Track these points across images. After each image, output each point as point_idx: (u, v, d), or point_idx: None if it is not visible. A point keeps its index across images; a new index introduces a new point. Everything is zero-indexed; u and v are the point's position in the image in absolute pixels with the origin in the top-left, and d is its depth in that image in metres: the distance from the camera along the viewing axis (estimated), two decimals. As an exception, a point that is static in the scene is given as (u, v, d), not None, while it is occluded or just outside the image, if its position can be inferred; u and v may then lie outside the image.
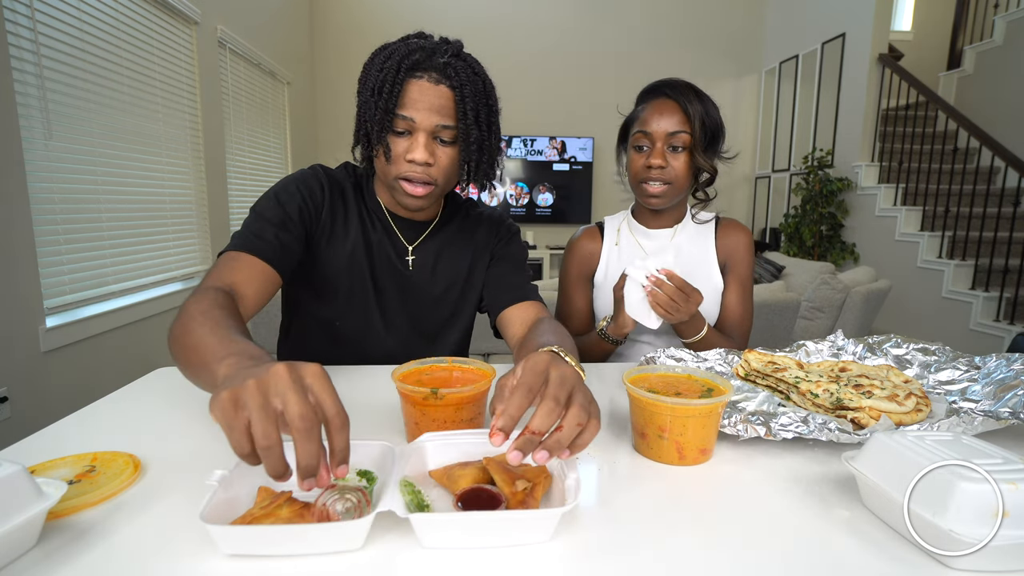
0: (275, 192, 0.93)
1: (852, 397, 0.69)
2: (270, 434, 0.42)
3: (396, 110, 0.85)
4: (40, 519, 0.44)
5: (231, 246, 0.85)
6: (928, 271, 3.90)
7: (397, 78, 0.84)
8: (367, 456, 0.54)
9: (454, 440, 0.56)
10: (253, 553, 0.44)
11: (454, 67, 0.87)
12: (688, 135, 1.06)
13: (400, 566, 0.43)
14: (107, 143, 2.43)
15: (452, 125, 0.87)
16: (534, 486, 0.49)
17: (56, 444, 0.64)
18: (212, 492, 0.46)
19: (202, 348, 0.58)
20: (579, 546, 0.46)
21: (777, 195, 5.53)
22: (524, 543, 0.46)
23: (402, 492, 0.48)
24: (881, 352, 0.91)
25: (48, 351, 2.07)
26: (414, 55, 0.86)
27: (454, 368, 0.71)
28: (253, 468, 0.44)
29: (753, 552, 0.45)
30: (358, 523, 0.43)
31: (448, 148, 0.89)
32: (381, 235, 1.00)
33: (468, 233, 1.07)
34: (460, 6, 5.48)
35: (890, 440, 0.50)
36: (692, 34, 5.68)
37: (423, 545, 0.45)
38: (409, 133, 0.87)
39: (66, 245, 2.19)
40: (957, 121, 3.81)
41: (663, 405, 0.59)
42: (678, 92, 1.07)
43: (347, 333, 1.00)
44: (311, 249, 0.95)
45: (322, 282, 0.97)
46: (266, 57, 4.11)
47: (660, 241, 1.19)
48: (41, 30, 2.05)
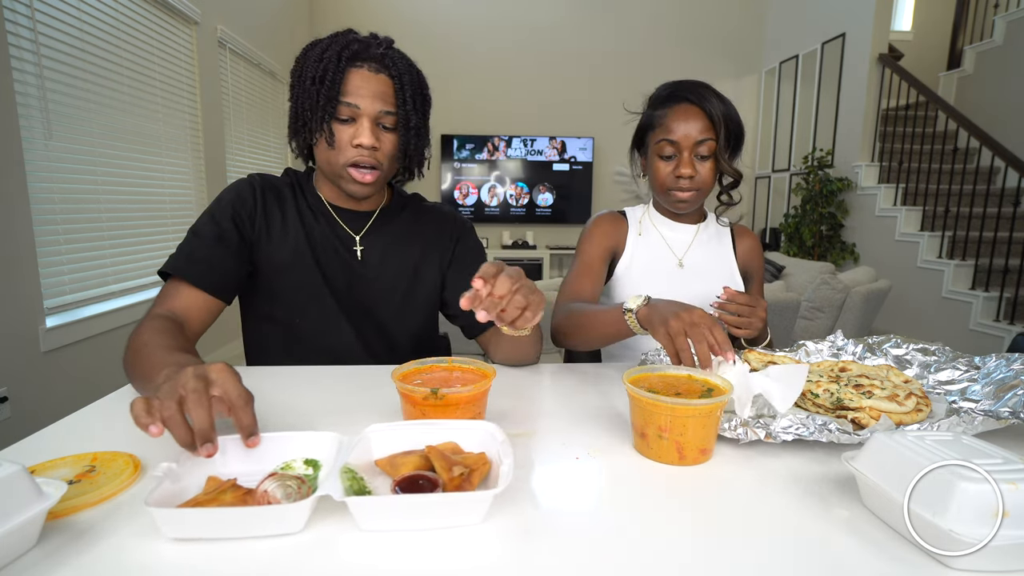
0: (211, 209, 0.96)
1: (852, 397, 0.69)
2: (169, 407, 0.52)
3: (340, 97, 0.88)
4: (40, 519, 0.44)
5: (173, 270, 0.89)
6: (928, 271, 3.90)
7: (339, 67, 0.88)
8: (316, 446, 0.56)
9: (400, 430, 0.58)
10: (196, 536, 0.45)
11: (391, 57, 0.92)
12: (714, 141, 1.06)
13: (339, 548, 0.45)
14: (107, 143, 2.44)
15: (393, 111, 0.92)
16: (471, 472, 0.51)
17: (56, 444, 0.64)
18: (158, 481, 0.47)
19: (148, 372, 0.68)
20: (579, 547, 0.46)
21: (777, 195, 5.54)
22: (458, 524, 0.48)
23: (342, 478, 0.49)
24: (881, 352, 0.91)
25: (48, 351, 2.07)
26: (352, 46, 0.90)
27: (454, 368, 0.71)
28: (202, 459, 0.52)
29: (753, 552, 0.45)
30: (297, 506, 0.45)
31: (389, 134, 0.93)
32: (324, 228, 1.01)
33: (418, 226, 1.08)
34: (460, 6, 5.47)
35: (890, 440, 0.50)
36: (692, 34, 5.68)
37: (361, 528, 0.47)
38: (353, 120, 0.90)
39: (66, 245, 2.20)
40: (957, 121, 3.81)
41: (663, 405, 0.59)
42: (701, 97, 1.06)
43: (306, 330, 1.00)
44: (253, 254, 0.97)
45: (269, 283, 0.98)
46: (266, 57, 4.12)
47: (685, 235, 1.21)
48: (41, 30, 2.05)
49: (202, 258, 0.90)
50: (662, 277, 1.16)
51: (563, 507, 0.53)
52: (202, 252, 0.90)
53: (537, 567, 0.43)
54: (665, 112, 1.09)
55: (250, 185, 0.99)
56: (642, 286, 1.15)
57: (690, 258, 1.19)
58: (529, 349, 0.97)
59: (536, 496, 0.54)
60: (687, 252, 1.19)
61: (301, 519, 0.46)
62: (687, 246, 1.20)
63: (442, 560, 0.44)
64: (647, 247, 1.19)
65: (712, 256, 1.20)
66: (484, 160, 5.56)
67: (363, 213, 1.04)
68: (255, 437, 0.55)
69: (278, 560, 0.43)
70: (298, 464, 0.55)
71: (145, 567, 0.42)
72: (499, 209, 5.64)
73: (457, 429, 0.58)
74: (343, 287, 1.01)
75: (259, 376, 0.89)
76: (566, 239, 5.66)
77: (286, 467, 0.54)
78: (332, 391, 0.82)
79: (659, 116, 1.10)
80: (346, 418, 0.71)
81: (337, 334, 1.00)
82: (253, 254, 0.97)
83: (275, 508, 0.46)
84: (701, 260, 1.19)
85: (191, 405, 0.52)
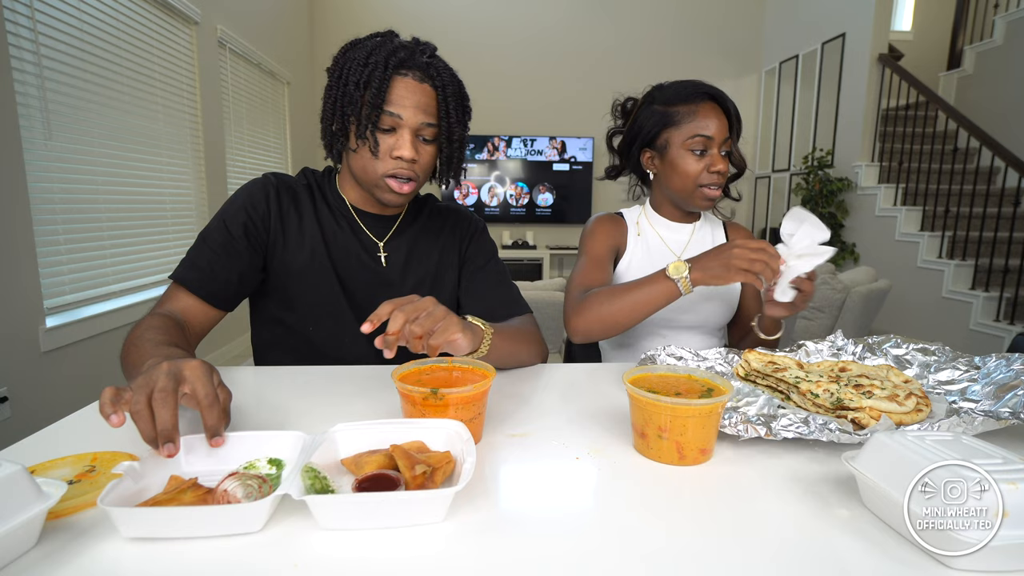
0: (222, 212, 0.94)
1: (852, 397, 0.69)
2: (139, 401, 0.53)
3: (384, 106, 0.86)
4: (40, 519, 0.44)
5: (175, 275, 0.89)
6: (928, 271, 3.90)
7: (385, 74, 0.85)
8: (280, 445, 0.56)
9: (365, 429, 0.58)
10: (154, 535, 0.45)
11: (435, 67, 0.90)
12: (731, 139, 1.10)
13: (298, 547, 0.45)
14: (107, 143, 2.44)
15: (435, 123, 0.90)
16: (434, 470, 0.51)
17: (56, 444, 0.64)
18: (118, 480, 0.47)
19: (136, 364, 0.69)
20: (579, 548, 0.46)
21: (777, 195, 5.54)
22: (419, 523, 0.48)
23: (303, 477, 0.49)
24: (881, 352, 0.91)
25: (48, 351, 2.07)
26: (399, 53, 0.87)
27: (454, 368, 0.71)
28: (164, 460, 0.53)
29: (753, 552, 0.45)
30: (255, 505, 0.45)
31: (428, 146, 0.92)
32: (347, 234, 0.98)
33: (434, 229, 1.06)
34: (460, 6, 5.48)
35: (890, 440, 0.50)
36: (692, 34, 5.68)
37: (321, 526, 0.47)
38: (394, 130, 0.88)
39: (66, 245, 2.19)
40: (957, 121, 3.81)
41: (663, 405, 0.59)
42: (722, 97, 1.10)
43: (321, 338, 0.97)
44: (267, 260, 0.95)
45: (284, 290, 0.96)
46: (266, 57, 4.12)
47: (682, 235, 1.21)
48: (41, 30, 2.05)
49: (204, 266, 0.89)
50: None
51: (563, 507, 0.53)
52: (205, 260, 0.89)
53: (538, 568, 0.43)
54: (694, 109, 1.08)
55: (264, 187, 0.96)
56: None
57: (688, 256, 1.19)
58: (518, 352, 0.93)
59: (536, 496, 0.54)
60: (685, 251, 1.19)
61: (260, 518, 0.46)
62: (685, 245, 1.20)
63: (405, 559, 0.43)
64: (646, 248, 1.19)
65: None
66: (484, 160, 5.56)
67: (387, 219, 1.02)
68: (219, 438, 0.55)
69: (238, 560, 0.43)
70: (262, 463, 0.55)
71: (144, 570, 0.42)
72: (499, 209, 5.64)
73: (423, 428, 0.58)
74: (363, 295, 0.98)
75: (259, 375, 0.89)
76: (566, 239, 5.66)
77: (249, 466, 0.54)
78: (332, 391, 0.82)
79: (685, 113, 1.09)
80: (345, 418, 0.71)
81: (352, 344, 0.97)
82: (267, 260, 0.95)
83: (234, 507, 0.46)
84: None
85: (157, 403, 0.53)
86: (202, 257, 0.89)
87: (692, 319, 1.17)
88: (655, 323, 1.17)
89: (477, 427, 0.65)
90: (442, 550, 0.45)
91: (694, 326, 1.19)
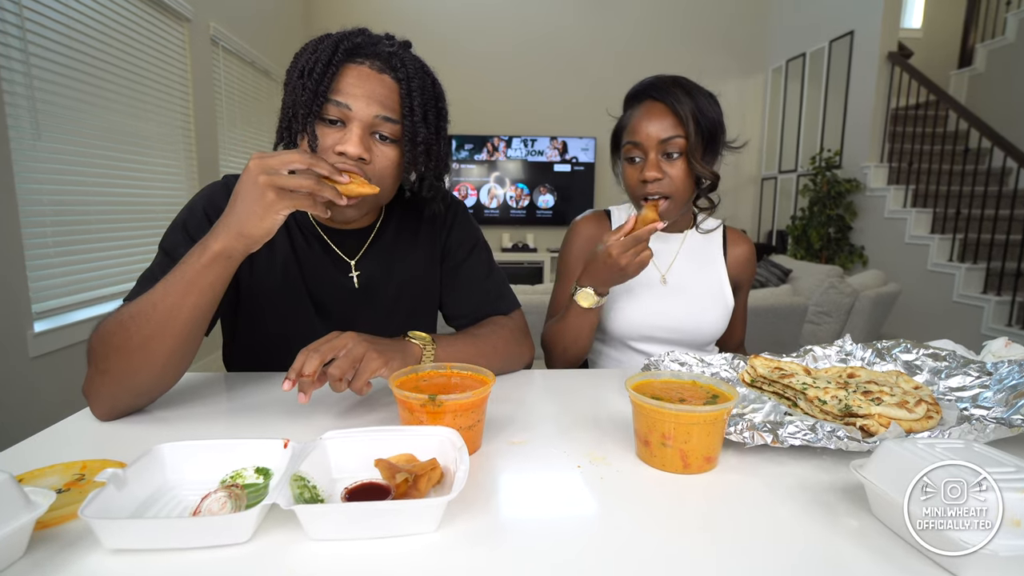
0: (183, 220, 0.83)
1: (861, 404, 0.67)
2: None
3: (328, 94, 0.74)
4: (28, 529, 0.43)
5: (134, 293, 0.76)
6: (938, 274, 3.85)
7: (332, 59, 0.74)
8: (267, 454, 0.55)
9: (355, 437, 0.56)
10: (137, 547, 0.44)
11: (400, 57, 0.78)
12: (683, 139, 0.98)
13: (287, 558, 0.44)
14: (97, 143, 2.40)
15: (395, 119, 0.77)
16: (416, 477, 0.50)
17: (45, 452, 0.63)
18: (100, 489, 0.46)
19: (163, 288, 0.66)
20: (579, 559, 0.45)
21: (784, 196, 5.49)
22: (409, 533, 0.46)
23: (292, 486, 0.48)
24: (890, 357, 0.89)
25: (36, 356, 2.02)
26: (355, 38, 0.77)
27: (452, 374, 0.70)
28: (149, 466, 0.51)
29: (760, 563, 0.44)
30: (242, 515, 0.44)
31: (388, 148, 0.78)
32: (319, 254, 0.89)
33: (411, 226, 0.95)
34: (460, 6, 5.45)
35: (900, 448, 0.49)
36: (697, 32, 5.65)
37: (310, 537, 0.46)
38: (343, 123, 0.76)
39: (55, 248, 2.15)
40: (968, 121, 3.77)
41: (667, 412, 0.57)
42: (664, 93, 0.99)
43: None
44: (239, 275, 0.85)
45: (256, 308, 0.88)
46: (260, 56, 4.06)
47: (671, 244, 1.15)
48: (29, 27, 2.01)
49: None
50: (644, 292, 1.11)
51: (563, 517, 0.51)
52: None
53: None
54: (631, 113, 1.04)
55: (226, 192, 0.82)
56: (623, 304, 1.11)
57: (674, 273, 1.13)
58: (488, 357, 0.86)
59: (536, 506, 0.53)
60: (671, 266, 1.14)
61: (248, 529, 0.45)
62: (671, 258, 1.14)
63: (397, 571, 0.42)
64: None
65: (698, 268, 1.14)
66: (483, 160, 5.51)
67: (358, 232, 0.91)
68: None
69: (225, 572, 0.42)
70: (249, 473, 0.54)
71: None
72: (499, 211, 5.60)
73: (415, 436, 0.57)
74: (338, 320, 0.89)
75: (249, 381, 0.88)
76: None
77: (236, 476, 0.53)
78: (324, 399, 0.80)
79: (626, 117, 1.06)
80: (339, 426, 0.70)
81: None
82: (238, 276, 0.85)
83: (220, 518, 0.45)
84: (686, 274, 1.13)
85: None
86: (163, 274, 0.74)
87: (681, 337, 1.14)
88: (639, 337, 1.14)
89: (476, 434, 0.64)
90: (436, 561, 0.44)
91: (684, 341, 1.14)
